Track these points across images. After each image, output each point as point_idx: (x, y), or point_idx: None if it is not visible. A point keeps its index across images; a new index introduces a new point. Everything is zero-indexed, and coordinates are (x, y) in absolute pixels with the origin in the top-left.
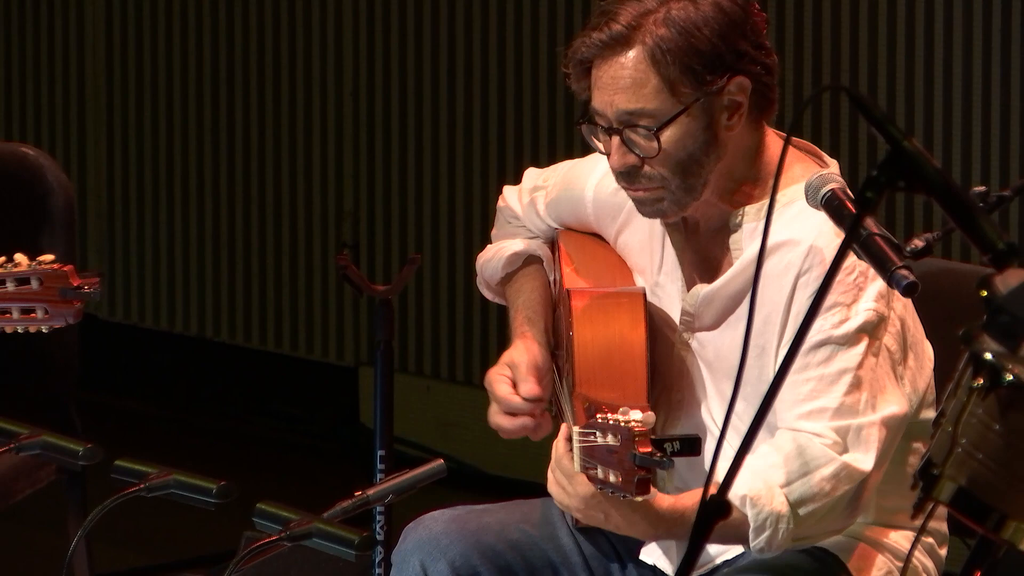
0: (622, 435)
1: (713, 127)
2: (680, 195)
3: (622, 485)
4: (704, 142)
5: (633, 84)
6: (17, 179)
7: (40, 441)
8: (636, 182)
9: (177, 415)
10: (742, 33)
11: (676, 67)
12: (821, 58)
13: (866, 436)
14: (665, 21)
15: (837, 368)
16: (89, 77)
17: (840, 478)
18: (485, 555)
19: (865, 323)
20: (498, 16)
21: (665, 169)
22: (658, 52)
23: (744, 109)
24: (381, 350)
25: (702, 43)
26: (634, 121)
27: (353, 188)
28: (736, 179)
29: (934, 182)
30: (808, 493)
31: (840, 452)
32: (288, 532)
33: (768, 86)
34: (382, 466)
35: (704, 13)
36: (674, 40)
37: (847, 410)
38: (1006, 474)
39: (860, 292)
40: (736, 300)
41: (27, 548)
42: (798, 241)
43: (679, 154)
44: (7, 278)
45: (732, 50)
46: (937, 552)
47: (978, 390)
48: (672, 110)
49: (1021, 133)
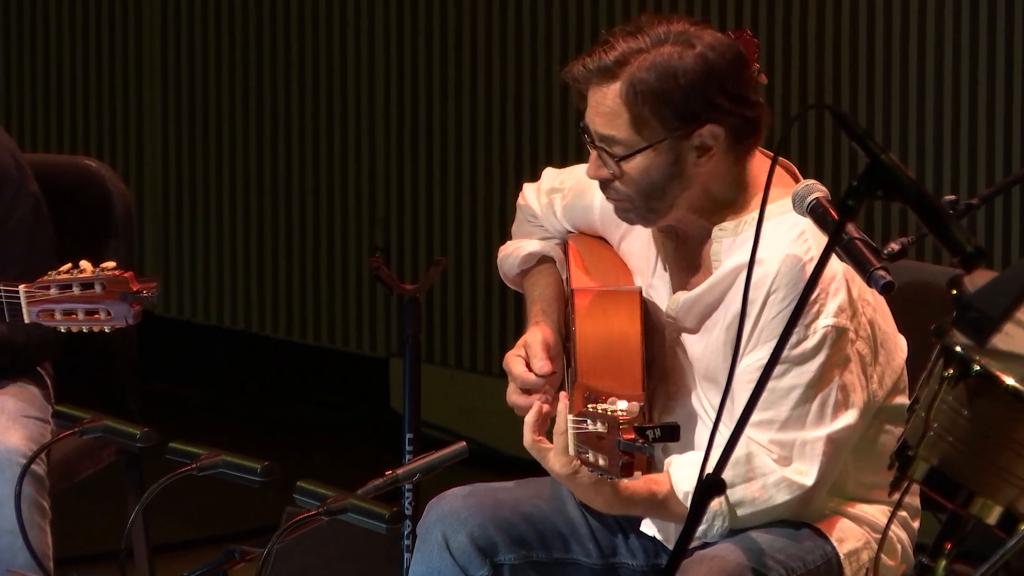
0: (609, 423)
1: (680, 164)
2: (644, 212)
3: (609, 468)
4: (669, 175)
5: (609, 113)
6: (81, 188)
7: (102, 425)
8: (608, 192)
9: (225, 402)
10: (720, 86)
11: (647, 108)
12: (806, 79)
13: (810, 451)
14: (649, 65)
15: (787, 384)
16: (147, 94)
17: (780, 488)
18: (501, 527)
19: (822, 339)
20: (515, 38)
21: (630, 190)
22: (631, 92)
23: (716, 150)
24: (409, 343)
25: (675, 93)
26: (607, 145)
27: (384, 197)
28: (716, 200)
29: (909, 191)
30: (747, 497)
31: (784, 465)
32: (325, 507)
33: (746, 132)
34: (410, 448)
35: (686, 64)
36: (650, 84)
37: (793, 423)
38: (974, 455)
39: (821, 310)
40: (712, 307)
41: (90, 522)
42: (768, 260)
43: (642, 181)
44: (73, 283)
45: (705, 102)
46: (911, 525)
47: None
48: (638, 144)
49: (987, 147)
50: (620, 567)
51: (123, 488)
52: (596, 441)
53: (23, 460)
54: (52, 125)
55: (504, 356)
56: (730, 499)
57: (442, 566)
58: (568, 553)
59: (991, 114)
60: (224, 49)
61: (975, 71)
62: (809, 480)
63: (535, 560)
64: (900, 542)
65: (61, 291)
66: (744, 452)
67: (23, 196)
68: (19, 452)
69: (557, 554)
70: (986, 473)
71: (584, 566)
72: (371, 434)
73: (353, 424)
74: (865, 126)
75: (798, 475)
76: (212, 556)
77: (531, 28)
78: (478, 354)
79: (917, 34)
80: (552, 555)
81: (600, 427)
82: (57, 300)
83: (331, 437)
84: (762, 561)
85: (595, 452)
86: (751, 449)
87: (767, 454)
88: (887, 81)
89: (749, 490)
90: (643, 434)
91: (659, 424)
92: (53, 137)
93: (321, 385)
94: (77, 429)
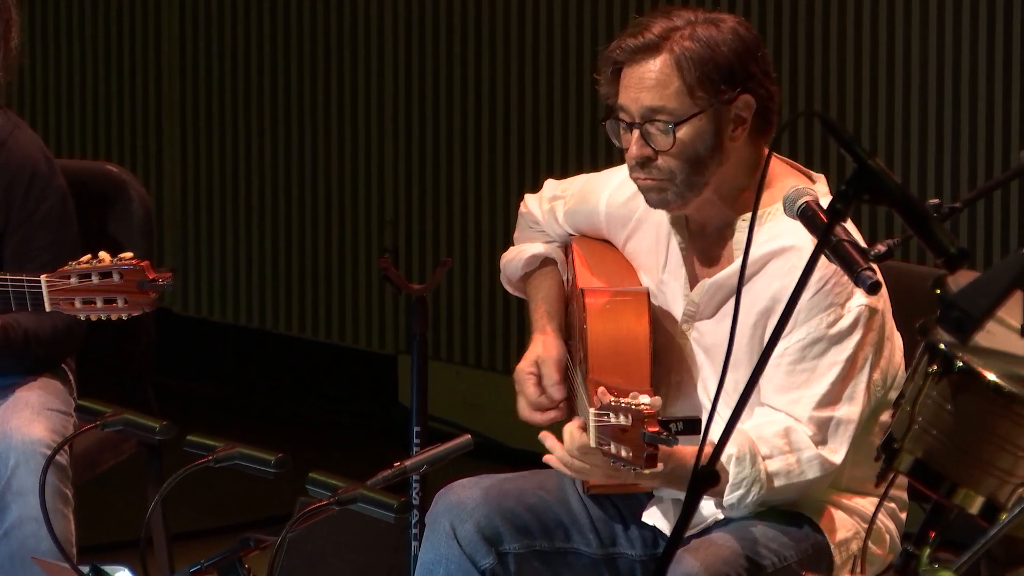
0: (633, 416)
1: (720, 135)
2: (683, 189)
3: (633, 459)
4: (711, 146)
5: (658, 84)
6: (104, 193)
7: (122, 419)
8: (649, 172)
9: (241, 396)
10: (754, 58)
11: (697, 74)
12: (797, 87)
13: (843, 431)
14: (691, 36)
15: (828, 361)
16: (165, 104)
17: (812, 464)
18: (505, 517)
19: (856, 318)
20: (518, 50)
21: (675, 163)
22: (683, 59)
23: (747, 124)
24: (417, 341)
25: (721, 58)
26: (655, 117)
27: (393, 201)
28: (737, 187)
29: (895, 195)
30: (784, 469)
31: (818, 443)
32: (336, 497)
33: (770, 109)
34: (417, 441)
35: (724, 34)
36: (697, 52)
37: (830, 400)
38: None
39: (853, 289)
40: (732, 293)
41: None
42: (801, 248)
43: (689, 151)
44: (92, 272)
45: (744, 70)
46: (898, 515)
47: (933, 375)
48: (689, 111)
49: (970, 152)
50: (619, 557)
51: (143, 479)
52: (619, 433)
53: (47, 451)
54: (76, 132)
55: (508, 358)
56: (769, 468)
57: (449, 554)
58: (570, 543)
59: (973, 122)
60: (240, 61)
61: (957, 82)
62: (838, 459)
63: (538, 549)
64: (888, 532)
65: (81, 280)
66: (784, 426)
67: (51, 190)
68: (43, 443)
69: (559, 543)
70: (968, 465)
71: (585, 555)
72: (380, 427)
73: (363, 418)
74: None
75: (831, 454)
76: (228, 544)
77: (533, 38)
78: (483, 351)
79: (903, 47)
80: (554, 544)
81: (624, 420)
82: (77, 289)
83: (342, 430)
84: (755, 550)
85: (617, 444)
86: (790, 424)
87: (804, 431)
88: (874, 90)
89: (787, 462)
90: (667, 427)
91: (682, 418)
92: (77, 143)
93: (332, 381)
94: (99, 422)
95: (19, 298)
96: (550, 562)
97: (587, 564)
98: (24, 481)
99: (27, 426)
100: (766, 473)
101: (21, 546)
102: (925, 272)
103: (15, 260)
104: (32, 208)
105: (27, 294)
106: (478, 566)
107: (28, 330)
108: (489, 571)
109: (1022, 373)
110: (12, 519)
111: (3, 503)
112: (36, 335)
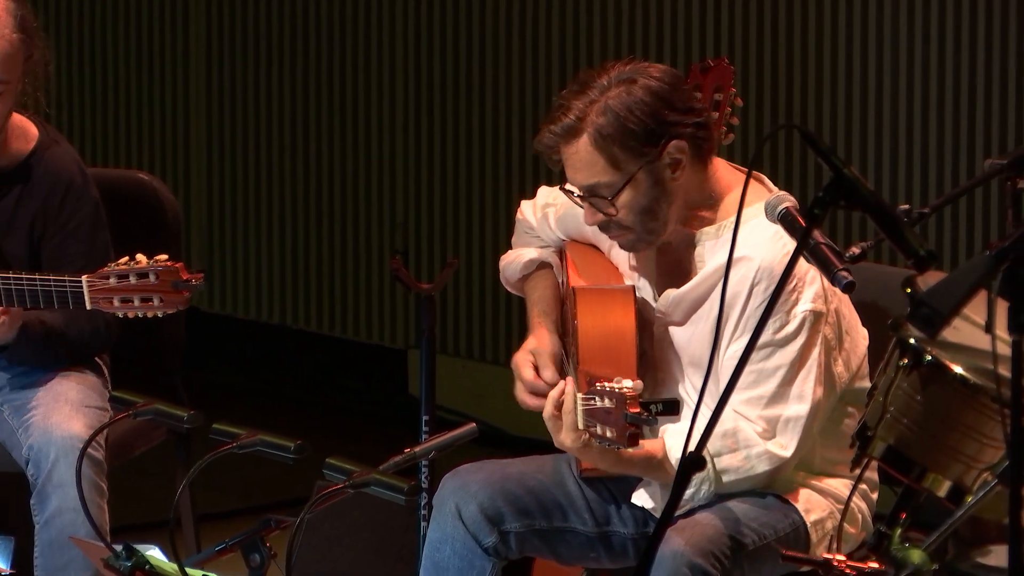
0: (616, 399)
1: (661, 183)
2: (646, 235)
3: (616, 438)
4: (655, 196)
5: (585, 165)
6: (136, 199)
7: (153, 408)
8: (610, 232)
9: (262, 388)
10: (670, 106)
11: (616, 147)
12: (777, 101)
13: (792, 427)
14: (604, 110)
15: (774, 364)
16: (193, 117)
17: (761, 459)
18: (507, 499)
19: (801, 322)
20: (519, 65)
21: (629, 218)
22: (599, 138)
23: (685, 162)
24: (425, 336)
25: (635, 123)
26: (594, 192)
27: (404, 204)
28: (691, 207)
29: (868, 201)
30: (732, 465)
31: (767, 438)
32: (351, 481)
33: (702, 137)
34: (426, 429)
35: (635, 97)
36: (611, 126)
37: (778, 399)
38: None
39: (799, 297)
40: (699, 302)
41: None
42: (751, 258)
43: (636, 207)
44: (130, 273)
45: (662, 122)
46: (870, 497)
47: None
48: (622, 180)
49: (938, 162)
50: (612, 535)
51: (172, 464)
52: (604, 415)
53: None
54: (110, 143)
55: (511, 353)
56: (717, 467)
57: (455, 533)
58: (567, 522)
59: (941, 134)
60: (262, 76)
61: (926, 97)
62: (788, 453)
63: (537, 528)
64: (861, 512)
65: (119, 280)
66: (732, 426)
67: (85, 201)
68: (81, 439)
69: (557, 523)
70: (937, 451)
71: (580, 533)
72: (391, 417)
73: (375, 407)
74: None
75: (779, 448)
76: (251, 524)
77: (532, 66)
78: (487, 346)
79: (875, 63)
80: (552, 523)
81: (608, 403)
82: (115, 289)
83: (356, 419)
84: (738, 528)
85: (603, 425)
86: (738, 424)
87: (753, 428)
88: (848, 104)
89: (734, 460)
90: (647, 408)
91: (661, 399)
92: (111, 153)
93: (347, 373)
94: (131, 412)
95: (61, 297)
96: (548, 540)
97: (583, 541)
98: (63, 474)
99: (66, 422)
100: (715, 471)
101: (60, 533)
102: (896, 272)
103: (51, 264)
104: (67, 218)
105: (69, 293)
106: (482, 544)
107: (51, 328)
108: (492, 549)
109: (986, 366)
110: (52, 509)
111: (44, 494)
112: (61, 334)
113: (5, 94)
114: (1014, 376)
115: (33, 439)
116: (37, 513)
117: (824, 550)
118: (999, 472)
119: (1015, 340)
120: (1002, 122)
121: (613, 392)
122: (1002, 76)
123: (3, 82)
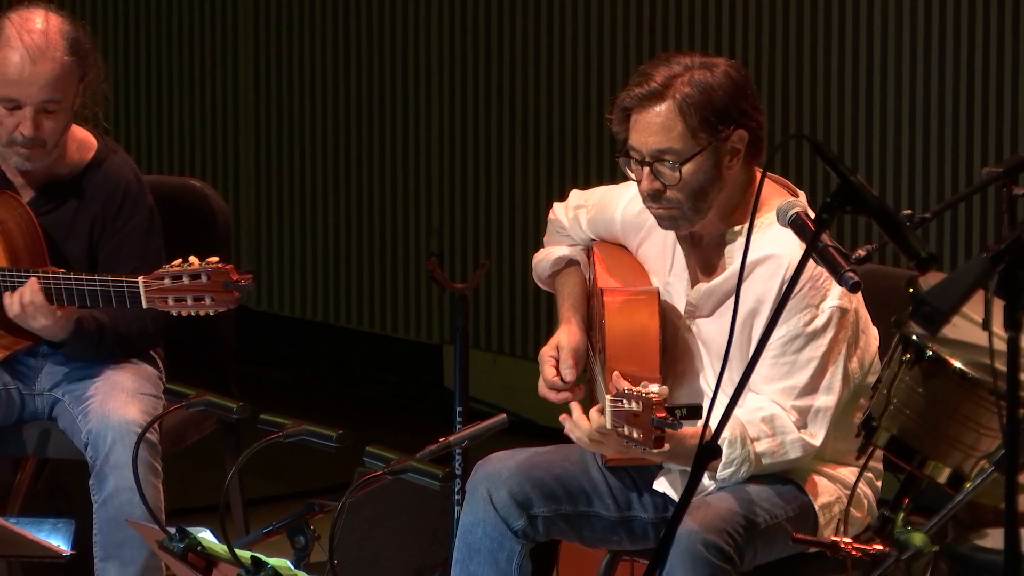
0: (643, 403)
1: (718, 166)
2: (690, 215)
3: (643, 440)
4: (711, 177)
5: (663, 128)
6: (188, 205)
7: (204, 400)
8: (659, 202)
9: (308, 380)
10: (744, 96)
11: (697, 118)
12: (788, 112)
13: (821, 417)
14: (690, 83)
15: (807, 357)
16: (242, 127)
17: (795, 446)
18: (535, 485)
19: (829, 317)
20: (546, 76)
21: (682, 194)
22: (684, 105)
23: (741, 154)
24: (459, 332)
25: (717, 101)
26: (662, 156)
27: (439, 209)
28: (732, 204)
29: (873, 207)
30: (769, 450)
31: (800, 427)
32: (389, 468)
33: (760, 137)
34: (460, 420)
35: (719, 79)
36: (696, 97)
37: (810, 390)
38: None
39: (827, 293)
40: (728, 295)
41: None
42: (780, 255)
43: (693, 184)
44: (184, 274)
45: (737, 109)
46: (875, 483)
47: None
48: (692, 150)
49: (938, 170)
50: (634, 519)
51: (222, 452)
52: (632, 417)
53: (139, 430)
54: (164, 151)
55: (539, 346)
56: (756, 450)
57: (486, 517)
58: (591, 507)
59: (941, 143)
60: (306, 87)
61: (927, 108)
62: (818, 442)
63: (563, 512)
64: (866, 497)
65: (173, 281)
66: (770, 412)
67: (140, 207)
68: (136, 423)
69: (582, 507)
70: (937, 441)
71: (604, 518)
72: (427, 408)
73: (412, 399)
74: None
75: (811, 437)
76: (296, 509)
77: (559, 77)
78: (516, 341)
79: (880, 74)
80: (578, 508)
81: (635, 406)
82: (170, 289)
83: (394, 410)
84: (751, 509)
85: (630, 426)
86: (775, 411)
87: (788, 416)
88: (855, 114)
89: (772, 444)
90: (673, 413)
91: (686, 405)
92: (164, 161)
93: (386, 367)
94: (184, 403)
95: (119, 296)
96: (574, 524)
97: (606, 525)
98: (120, 456)
99: (123, 408)
100: (754, 454)
101: (117, 512)
102: (900, 273)
103: (106, 266)
104: (123, 223)
105: (126, 293)
106: (511, 527)
107: (104, 325)
108: (521, 531)
109: (984, 361)
110: (110, 489)
111: (102, 475)
112: (114, 330)
113: (58, 112)
114: (1010, 370)
115: (92, 424)
116: (95, 493)
117: (831, 532)
118: (995, 460)
119: (1010, 336)
120: (998, 132)
121: (640, 396)
122: (998, 90)
123: (55, 101)
